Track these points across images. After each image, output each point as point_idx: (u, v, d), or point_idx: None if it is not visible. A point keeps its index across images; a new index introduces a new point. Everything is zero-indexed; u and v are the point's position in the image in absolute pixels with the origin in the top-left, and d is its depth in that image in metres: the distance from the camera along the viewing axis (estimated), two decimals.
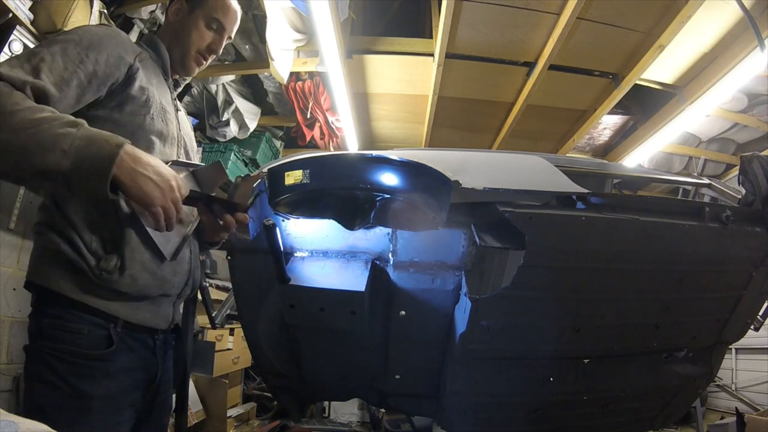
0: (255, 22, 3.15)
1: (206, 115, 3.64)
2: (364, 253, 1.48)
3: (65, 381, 0.95)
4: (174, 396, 1.38)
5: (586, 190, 1.32)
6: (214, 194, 1.13)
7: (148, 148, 1.06)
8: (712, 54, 2.88)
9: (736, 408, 3.45)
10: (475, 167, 1.37)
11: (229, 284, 2.76)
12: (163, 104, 1.14)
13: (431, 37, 3.14)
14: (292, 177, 1.35)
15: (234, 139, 3.76)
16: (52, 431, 0.60)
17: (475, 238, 1.31)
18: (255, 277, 1.50)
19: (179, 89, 1.32)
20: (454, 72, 3.16)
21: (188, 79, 1.36)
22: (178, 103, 1.27)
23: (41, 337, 0.98)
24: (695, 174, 3.99)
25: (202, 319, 2.60)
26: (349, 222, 1.40)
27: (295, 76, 3.41)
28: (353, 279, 1.38)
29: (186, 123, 1.31)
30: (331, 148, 3.99)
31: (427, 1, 3.41)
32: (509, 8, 2.63)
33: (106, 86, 1.02)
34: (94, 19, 2.25)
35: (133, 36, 2.75)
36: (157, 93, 1.14)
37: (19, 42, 1.85)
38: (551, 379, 1.56)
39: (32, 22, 1.94)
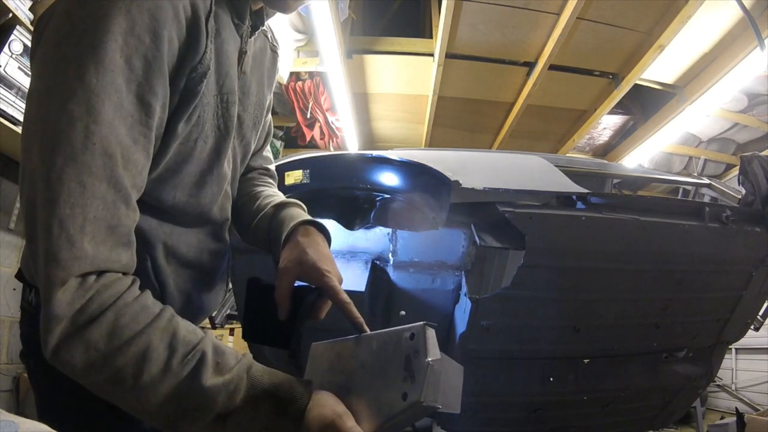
0: None
1: None
2: (364, 253, 1.48)
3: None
4: None
5: (586, 190, 1.32)
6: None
7: (197, 185, 0.69)
8: (712, 54, 2.89)
9: (736, 408, 3.45)
10: (475, 167, 1.37)
11: (229, 284, 2.75)
12: (225, 90, 0.67)
13: (431, 37, 3.15)
14: (292, 177, 1.35)
15: None
16: (52, 431, 0.60)
17: (475, 238, 1.31)
18: None
19: (255, 34, 0.74)
20: (454, 72, 3.16)
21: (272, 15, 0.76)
22: (247, 54, 0.73)
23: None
24: (695, 174, 4.00)
25: None
26: (349, 222, 1.40)
27: (295, 76, 3.41)
28: (353, 279, 1.39)
29: (253, 84, 0.78)
30: (331, 148, 4.00)
31: (427, 1, 3.41)
32: (509, 8, 2.63)
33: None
34: None
35: None
36: (224, 69, 0.67)
37: (19, 42, 1.85)
38: (551, 379, 1.56)
39: (32, 22, 1.94)
